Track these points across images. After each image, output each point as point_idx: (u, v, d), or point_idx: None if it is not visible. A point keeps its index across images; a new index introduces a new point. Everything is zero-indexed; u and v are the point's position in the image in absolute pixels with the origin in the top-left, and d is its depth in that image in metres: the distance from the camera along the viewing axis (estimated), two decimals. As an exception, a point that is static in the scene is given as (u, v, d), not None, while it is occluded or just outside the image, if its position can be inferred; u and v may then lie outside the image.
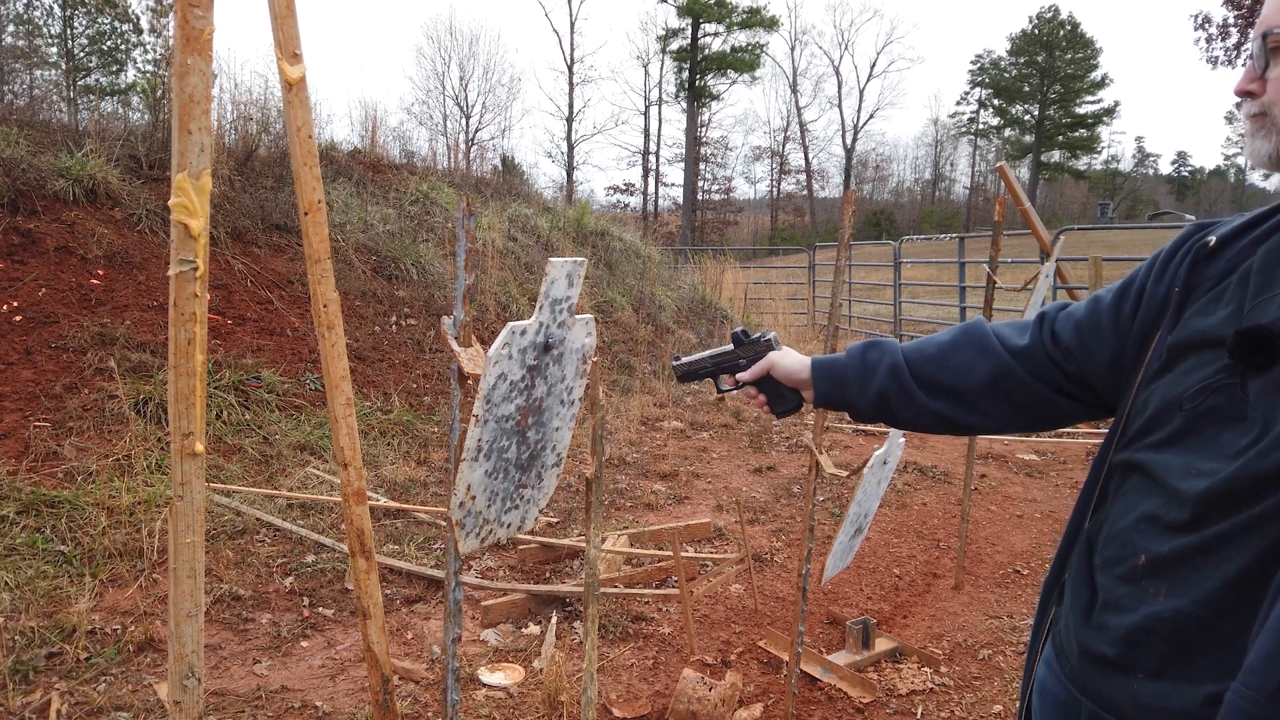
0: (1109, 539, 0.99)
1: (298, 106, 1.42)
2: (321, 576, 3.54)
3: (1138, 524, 0.94)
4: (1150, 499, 0.94)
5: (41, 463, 4.12)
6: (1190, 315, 0.99)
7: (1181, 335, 0.98)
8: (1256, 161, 0.95)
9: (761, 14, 38.00)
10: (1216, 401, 0.90)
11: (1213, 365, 0.92)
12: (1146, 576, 0.91)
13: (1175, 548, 0.88)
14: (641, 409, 7.00)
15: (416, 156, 12.00)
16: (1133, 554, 0.93)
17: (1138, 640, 0.90)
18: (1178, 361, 0.98)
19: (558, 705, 2.58)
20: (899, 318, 12.71)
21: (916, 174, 56.62)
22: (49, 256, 5.19)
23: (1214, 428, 0.89)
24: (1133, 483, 0.99)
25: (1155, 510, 0.92)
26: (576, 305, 1.53)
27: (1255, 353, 0.86)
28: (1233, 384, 0.89)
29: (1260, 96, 0.93)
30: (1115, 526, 0.98)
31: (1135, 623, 0.90)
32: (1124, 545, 0.95)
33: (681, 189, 40.63)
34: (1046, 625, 1.13)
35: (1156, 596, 0.89)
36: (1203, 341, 0.95)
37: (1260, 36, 0.92)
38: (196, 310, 1.08)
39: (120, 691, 2.62)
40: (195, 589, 1.15)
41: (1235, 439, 0.87)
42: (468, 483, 1.43)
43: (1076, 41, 47.34)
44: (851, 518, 2.46)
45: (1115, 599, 0.94)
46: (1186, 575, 0.87)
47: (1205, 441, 0.90)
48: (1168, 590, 0.88)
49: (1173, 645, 0.87)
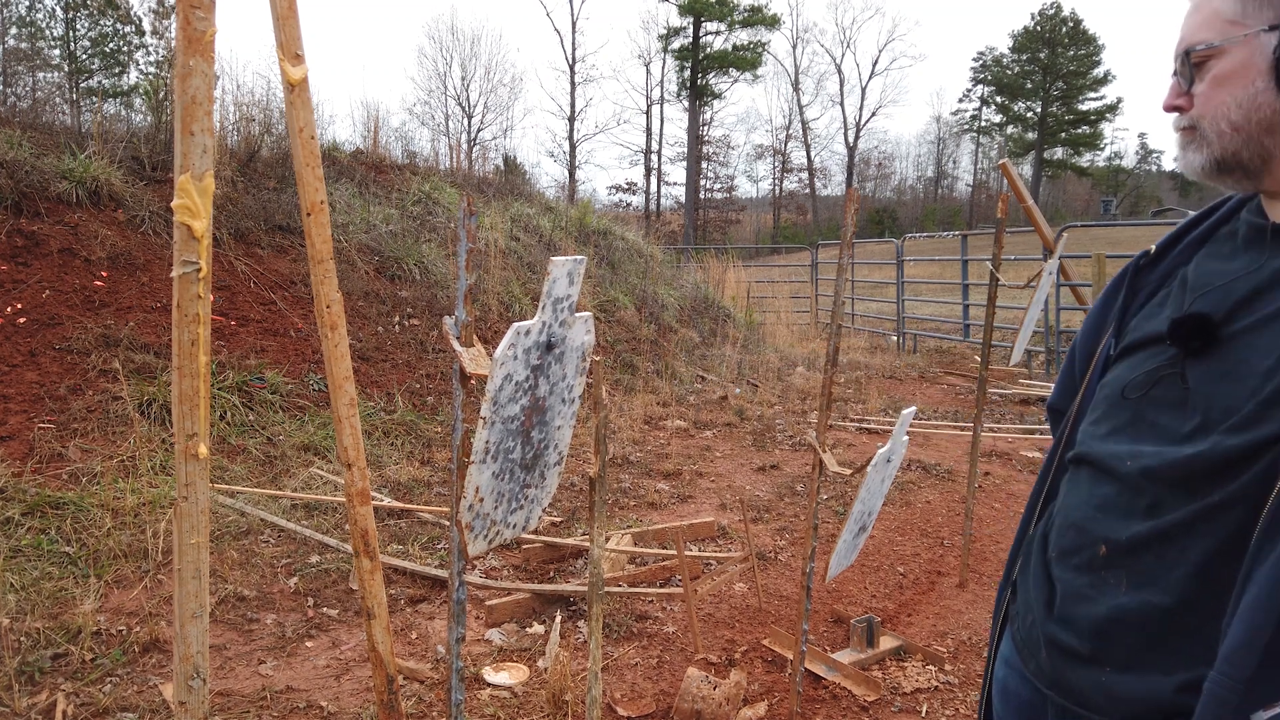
0: (1064, 529, 1.02)
1: (300, 107, 1.42)
2: (326, 577, 3.54)
3: (1094, 513, 0.97)
4: (1102, 487, 0.97)
5: (46, 464, 4.13)
6: (1137, 320, 1.06)
7: (1131, 337, 1.04)
8: (1190, 173, 1.00)
9: (763, 12, 37.96)
10: (1159, 391, 0.96)
11: (1157, 359, 0.98)
12: (1106, 566, 0.93)
13: (1134, 535, 0.91)
14: (645, 408, 7.00)
15: (419, 157, 12.00)
16: (1091, 543, 0.96)
17: (1107, 632, 0.92)
18: (1123, 360, 1.04)
19: (562, 704, 2.58)
20: (902, 315, 12.69)
21: (919, 172, 56.54)
22: (53, 259, 5.20)
23: (1154, 416, 0.95)
24: (1083, 474, 1.02)
25: (1109, 497, 0.96)
26: (579, 304, 1.53)
27: (1193, 337, 0.92)
28: (1174, 373, 0.94)
29: (1189, 111, 0.98)
30: (1070, 517, 1.01)
31: (1103, 614, 0.92)
32: (1081, 534, 0.98)
33: (684, 188, 40.62)
34: (999, 625, 1.16)
35: (1119, 586, 0.91)
36: (1148, 340, 1.01)
37: (1183, 54, 0.97)
38: (200, 311, 1.08)
39: (126, 692, 2.62)
40: (200, 590, 1.15)
41: (1174, 424, 0.92)
42: (475, 485, 1.43)
43: (1079, 38, 47.21)
44: (855, 516, 2.45)
45: (1076, 590, 0.96)
46: (1147, 564, 0.89)
47: (1146, 429, 0.95)
48: (1129, 580, 0.91)
49: (1142, 636, 0.89)
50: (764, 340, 11.31)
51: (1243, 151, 0.94)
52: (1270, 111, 0.91)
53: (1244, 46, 0.93)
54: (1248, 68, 0.93)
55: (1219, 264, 0.99)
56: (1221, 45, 0.94)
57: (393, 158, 10.13)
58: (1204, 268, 1.00)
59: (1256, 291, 0.91)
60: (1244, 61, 0.93)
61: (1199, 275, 1.00)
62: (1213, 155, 0.96)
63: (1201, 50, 0.95)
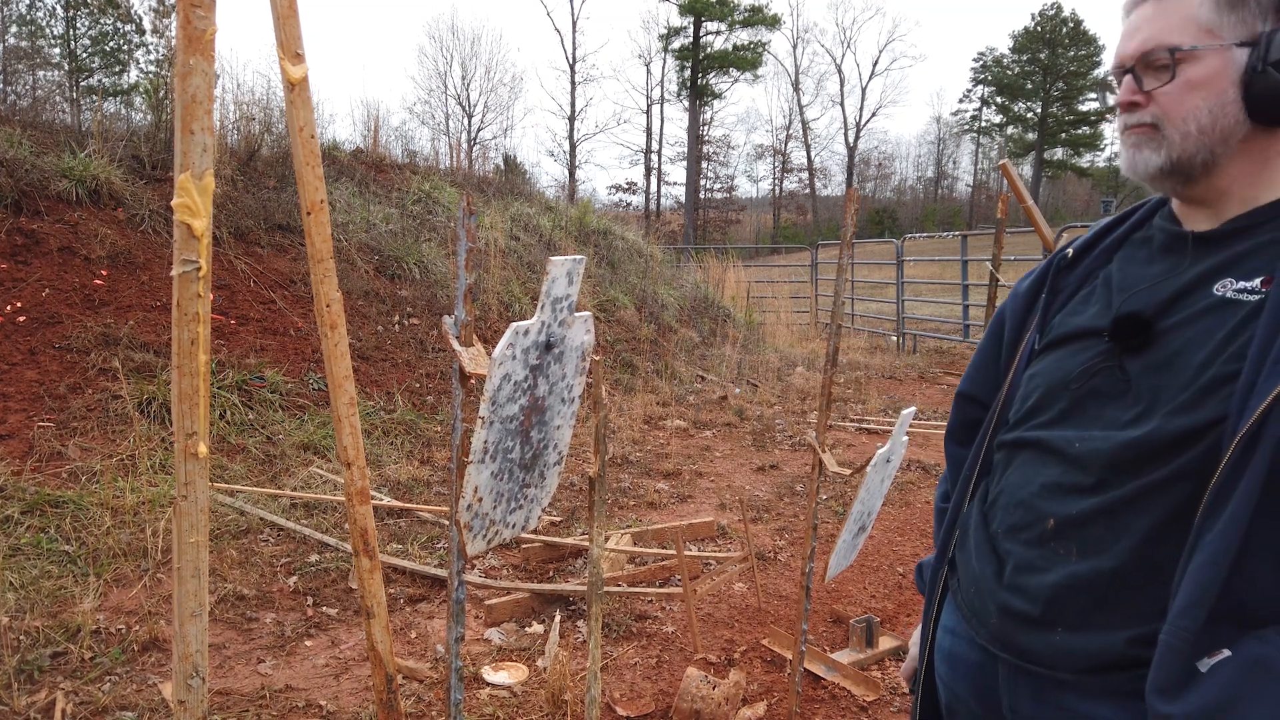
0: (1010, 507, 1.08)
1: (300, 106, 1.42)
2: (325, 576, 3.54)
3: (1041, 492, 1.04)
4: (1049, 469, 1.04)
5: (46, 463, 4.13)
6: (1061, 316, 1.14)
7: (1057, 332, 1.12)
8: (1137, 172, 1.03)
9: (763, 12, 37.94)
10: (1097, 383, 1.03)
11: (1091, 351, 1.05)
12: (1055, 539, 1.01)
13: (1083, 510, 0.99)
14: (644, 408, 7.00)
15: (419, 156, 12.01)
16: (1040, 519, 1.03)
17: (1059, 597, 0.99)
18: (1050, 353, 1.12)
19: (561, 704, 2.58)
20: (901, 315, 12.69)
21: (919, 172, 56.54)
22: (52, 257, 5.20)
23: (1096, 405, 1.02)
24: (1025, 457, 1.09)
25: (1056, 478, 1.03)
26: (578, 304, 1.53)
27: (1133, 335, 1.00)
28: (1111, 366, 1.02)
29: (1145, 108, 1.02)
30: (1016, 496, 1.08)
31: (1055, 581, 0.99)
32: (1029, 511, 1.05)
33: (684, 187, 40.61)
34: (936, 601, 1.24)
35: (1069, 556, 0.99)
36: (1078, 334, 1.09)
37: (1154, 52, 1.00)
38: (200, 310, 1.08)
39: (125, 691, 2.62)
40: (199, 589, 1.15)
41: (1118, 413, 1.00)
42: (474, 485, 1.43)
43: (1079, 39, 47.19)
44: (855, 516, 2.45)
45: (1028, 561, 1.03)
46: (1096, 535, 0.97)
47: (1090, 418, 1.02)
48: (1078, 550, 0.99)
49: (1092, 599, 0.97)
50: (764, 340, 11.31)
51: (1197, 156, 0.99)
52: (1233, 121, 0.98)
53: (1218, 55, 0.98)
54: (1220, 76, 0.97)
55: (1139, 268, 1.07)
56: (1199, 50, 0.98)
57: (393, 157, 10.13)
58: (1127, 271, 1.08)
59: (1180, 294, 0.99)
60: (1218, 70, 0.97)
61: (1123, 277, 1.08)
62: (1170, 156, 1.00)
63: (1183, 51, 0.98)
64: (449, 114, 37.37)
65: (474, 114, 37.50)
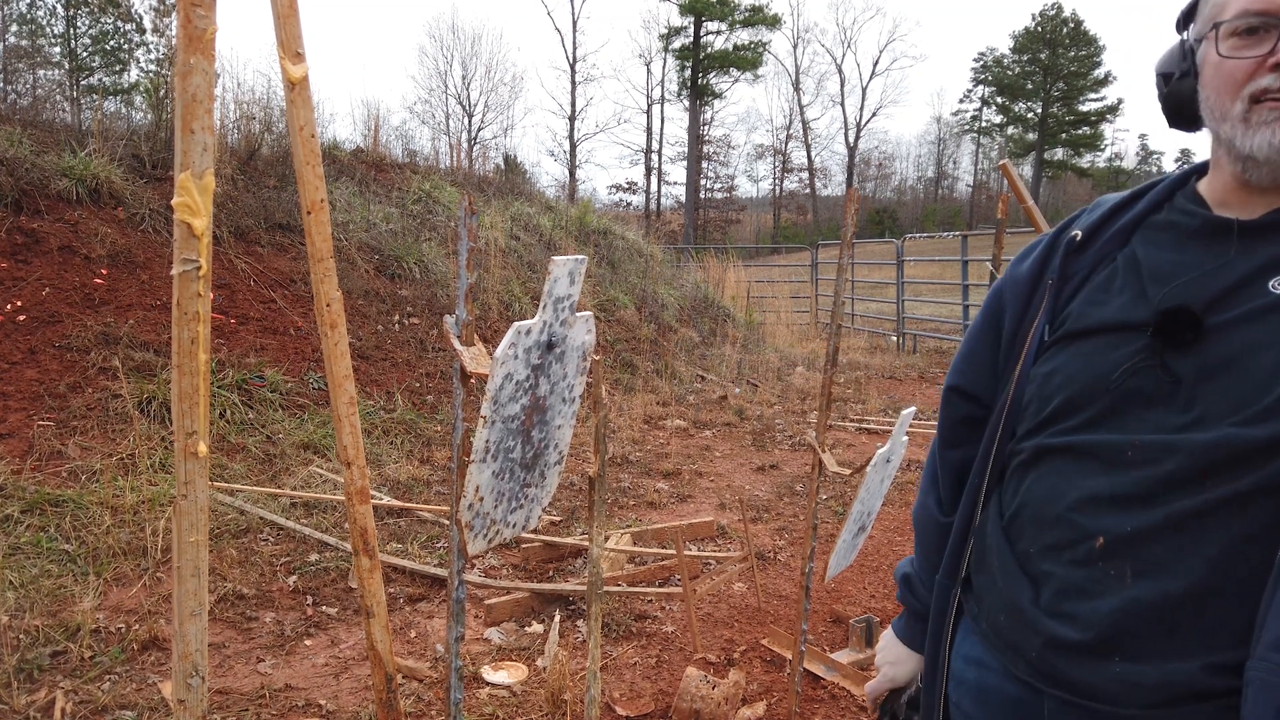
0: (1042, 523, 0.96)
1: (300, 106, 1.42)
2: (325, 575, 3.54)
3: (1080, 505, 0.92)
4: (1089, 480, 0.92)
5: (46, 462, 4.13)
6: (1078, 304, 1.01)
7: (1077, 323, 0.99)
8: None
9: (764, 12, 37.95)
10: (1138, 383, 0.91)
11: (1128, 348, 0.93)
12: (1105, 559, 0.90)
13: (1139, 526, 0.88)
14: (644, 407, 7.00)
15: (419, 156, 12.01)
16: (1085, 536, 0.91)
17: (1117, 624, 0.88)
18: (1070, 346, 0.99)
19: (561, 704, 2.58)
20: (901, 315, 12.69)
21: (919, 172, 56.58)
22: (53, 256, 5.20)
23: (1138, 408, 0.91)
24: (1053, 465, 0.97)
25: (1098, 490, 0.91)
26: (579, 303, 1.53)
27: (1182, 332, 0.89)
28: (1153, 365, 0.91)
29: None
30: (1050, 510, 0.96)
31: (1112, 607, 0.88)
32: (1069, 528, 0.93)
33: (684, 187, 40.61)
34: (949, 627, 1.11)
35: (1123, 578, 0.88)
36: (1108, 327, 0.96)
37: None
38: (200, 310, 1.08)
39: (125, 690, 2.62)
40: (199, 588, 1.15)
41: (1167, 417, 0.88)
42: (475, 484, 1.43)
43: (1079, 39, 47.20)
44: (855, 516, 2.45)
45: (1073, 584, 0.92)
46: (1157, 554, 0.86)
47: (1133, 421, 0.91)
48: (1134, 570, 0.88)
49: (1159, 625, 0.86)
50: (764, 340, 11.31)
51: None
52: None
53: None
54: None
55: (1169, 254, 0.96)
56: None
57: (393, 156, 10.13)
58: (1155, 256, 0.97)
59: (1232, 289, 0.89)
60: None
61: (1154, 264, 0.96)
62: None
63: None
64: (449, 113, 37.39)
65: (474, 113, 37.51)
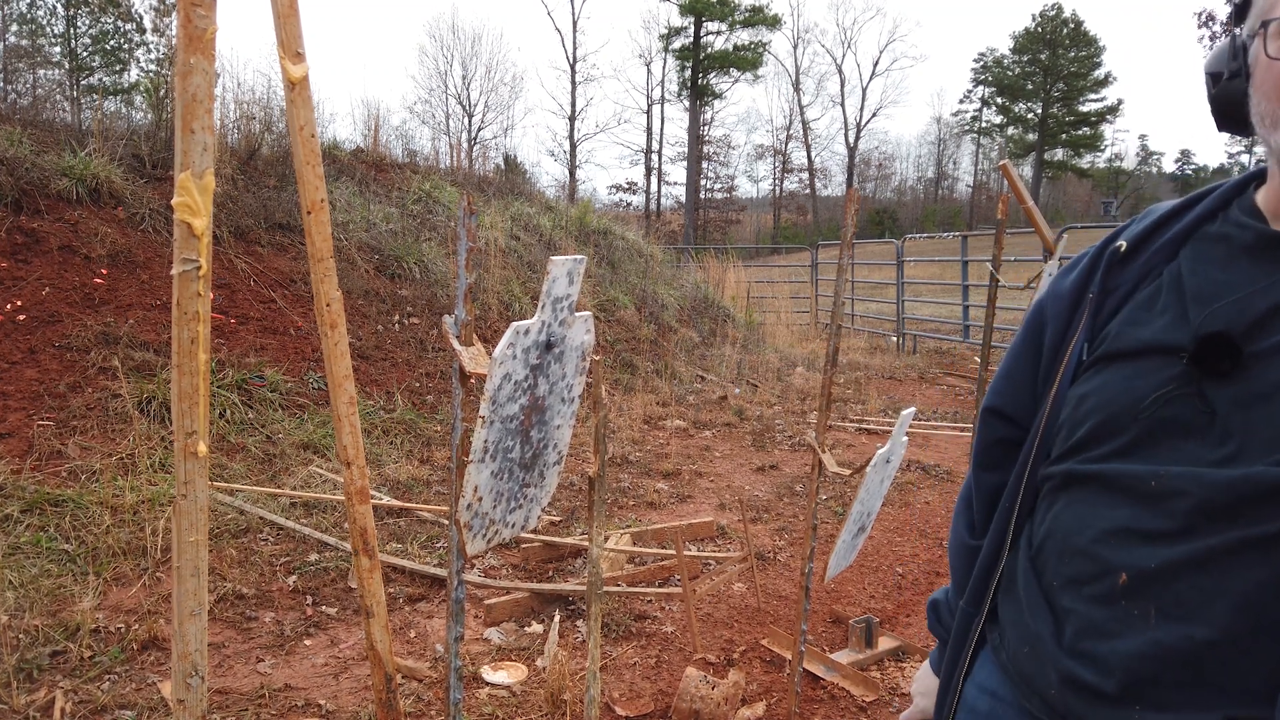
0: (1066, 555, 0.91)
1: (300, 105, 1.42)
2: (325, 575, 3.54)
3: (1104, 537, 0.87)
4: (1115, 511, 0.87)
5: (45, 462, 4.13)
6: (1118, 323, 0.94)
7: (1115, 344, 0.93)
8: None
9: (764, 12, 37.97)
10: (1173, 412, 0.85)
11: (1163, 374, 0.87)
12: (1128, 597, 0.84)
13: (1163, 563, 0.82)
14: (644, 407, 7.00)
15: (419, 155, 12.01)
16: (1108, 571, 0.86)
17: (1140, 670, 0.83)
18: (1106, 368, 0.93)
19: (561, 704, 2.58)
20: (902, 316, 12.69)
21: (919, 172, 56.60)
22: (52, 256, 5.20)
23: (1172, 439, 0.85)
24: (1080, 494, 0.92)
25: (1124, 522, 0.86)
26: (579, 304, 1.53)
27: (1220, 359, 0.83)
28: (1189, 393, 0.85)
29: None
30: (1073, 543, 0.90)
31: (1134, 650, 0.83)
32: (1092, 561, 0.88)
33: (684, 187, 40.62)
34: (967, 654, 1.07)
35: (1146, 618, 0.83)
36: (1146, 349, 0.90)
37: None
38: (200, 309, 1.08)
39: (124, 690, 2.62)
40: (199, 588, 1.15)
41: (1201, 450, 0.83)
42: (474, 484, 1.43)
43: (1080, 39, 47.24)
44: (854, 516, 2.45)
45: (1094, 623, 0.87)
46: (1182, 594, 0.81)
47: (1165, 452, 0.85)
48: (1158, 610, 0.82)
49: (1183, 673, 0.81)
50: (764, 340, 11.31)
51: None
52: None
53: None
54: None
55: (1216, 271, 0.89)
56: None
57: (393, 156, 10.13)
58: (1201, 273, 0.90)
59: (1275, 311, 0.82)
60: None
61: (1198, 282, 0.89)
62: None
63: None
64: (449, 113, 37.42)
65: (474, 113, 37.54)
